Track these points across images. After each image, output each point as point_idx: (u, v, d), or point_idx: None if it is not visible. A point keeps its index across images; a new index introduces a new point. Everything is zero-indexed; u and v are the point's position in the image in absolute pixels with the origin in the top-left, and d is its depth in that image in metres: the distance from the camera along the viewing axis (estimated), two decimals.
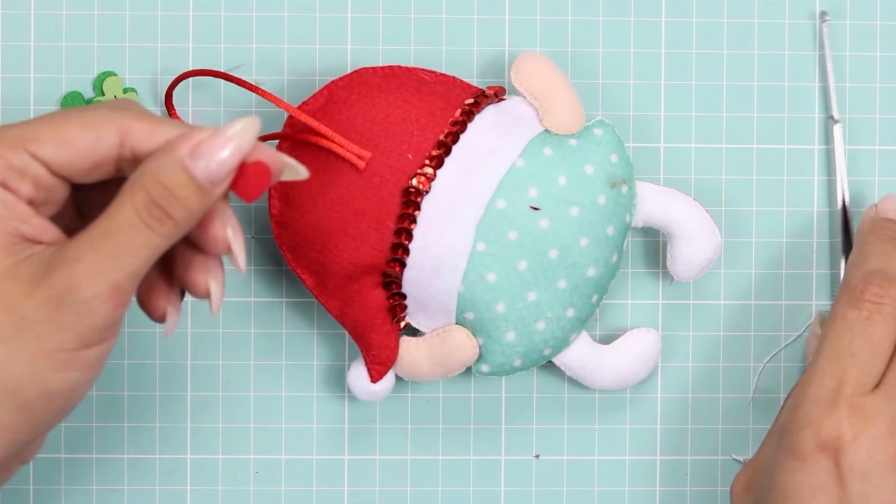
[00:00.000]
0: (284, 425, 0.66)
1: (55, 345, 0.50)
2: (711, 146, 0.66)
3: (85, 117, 0.51)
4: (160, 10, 0.65)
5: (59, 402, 0.51)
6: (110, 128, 0.51)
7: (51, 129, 0.51)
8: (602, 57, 0.66)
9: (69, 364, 0.50)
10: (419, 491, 0.66)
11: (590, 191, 0.61)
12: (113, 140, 0.51)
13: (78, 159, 0.51)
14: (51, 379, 0.50)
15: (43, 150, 0.51)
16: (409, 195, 0.60)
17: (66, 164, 0.51)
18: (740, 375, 0.66)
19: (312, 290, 0.62)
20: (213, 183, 0.50)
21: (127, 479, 0.65)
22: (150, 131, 0.51)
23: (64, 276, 0.49)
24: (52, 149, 0.51)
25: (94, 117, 0.51)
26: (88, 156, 0.51)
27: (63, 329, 0.50)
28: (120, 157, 0.52)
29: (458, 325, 0.62)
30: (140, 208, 0.50)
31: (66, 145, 0.51)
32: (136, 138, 0.51)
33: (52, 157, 0.51)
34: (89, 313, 0.50)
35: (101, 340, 0.51)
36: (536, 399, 0.66)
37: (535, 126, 0.62)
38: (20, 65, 0.65)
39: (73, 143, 0.51)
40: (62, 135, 0.51)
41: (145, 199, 0.50)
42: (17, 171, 0.51)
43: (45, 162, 0.51)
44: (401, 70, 0.62)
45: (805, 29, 0.66)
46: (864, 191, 0.67)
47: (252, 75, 0.65)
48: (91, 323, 0.50)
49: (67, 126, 0.51)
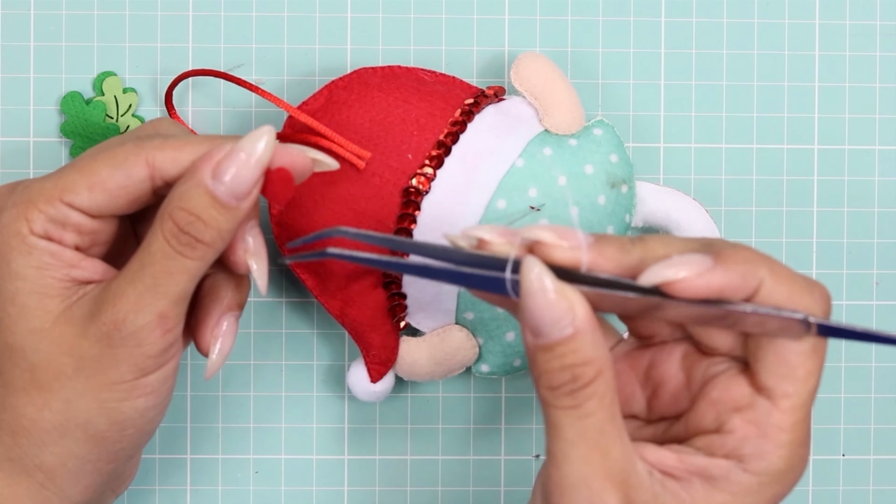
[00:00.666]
0: (284, 425, 0.66)
1: (114, 377, 0.52)
2: (711, 146, 0.66)
3: (113, 157, 0.53)
4: (160, 10, 0.65)
5: (132, 429, 0.53)
6: (137, 164, 0.53)
7: (81, 176, 0.53)
8: (602, 57, 0.66)
9: (132, 392, 0.52)
10: (419, 491, 0.66)
11: (590, 191, 0.61)
12: (143, 175, 0.53)
13: (112, 200, 0.53)
14: (118, 408, 0.53)
15: (78, 199, 0.53)
16: (409, 195, 0.60)
17: (103, 207, 0.53)
18: None
19: (312, 291, 0.62)
20: (238, 199, 0.52)
21: None
22: (175, 158, 0.53)
23: (111, 314, 0.51)
24: (86, 196, 0.53)
25: (122, 156, 0.53)
26: (122, 194, 0.53)
27: (119, 362, 0.52)
28: (154, 187, 0.53)
29: (458, 325, 0.62)
30: (170, 237, 0.51)
31: (98, 190, 0.53)
32: (163, 168, 0.53)
33: (88, 204, 0.53)
34: (140, 344, 0.52)
35: (159, 365, 0.53)
36: (536, 399, 0.66)
37: (535, 126, 0.62)
38: (20, 65, 0.65)
39: (105, 187, 0.53)
40: (93, 180, 0.53)
41: (173, 227, 0.51)
42: (59, 223, 0.53)
43: (82, 209, 0.53)
44: (401, 70, 0.62)
45: (805, 29, 0.66)
46: (865, 191, 0.67)
47: (252, 75, 0.65)
48: (143, 352, 0.52)
49: (97, 169, 0.53)
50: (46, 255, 0.53)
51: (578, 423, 0.48)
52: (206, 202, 0.51)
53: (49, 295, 0.52)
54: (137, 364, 0.52)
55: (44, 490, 0.54)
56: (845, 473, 0.67)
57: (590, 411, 0.48)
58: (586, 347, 0.47)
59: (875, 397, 0.67)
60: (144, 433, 0.54)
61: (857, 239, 0.67)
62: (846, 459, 0.67)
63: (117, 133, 0.64)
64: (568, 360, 0.47)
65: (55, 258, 0.53)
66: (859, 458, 0.67)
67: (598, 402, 0.48)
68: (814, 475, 0.67)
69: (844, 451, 0.67)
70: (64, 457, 0.53)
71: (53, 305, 0.52)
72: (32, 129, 0.65)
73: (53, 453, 0.53)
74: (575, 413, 0.48)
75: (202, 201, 0.51)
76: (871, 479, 0.67)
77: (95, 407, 0.52)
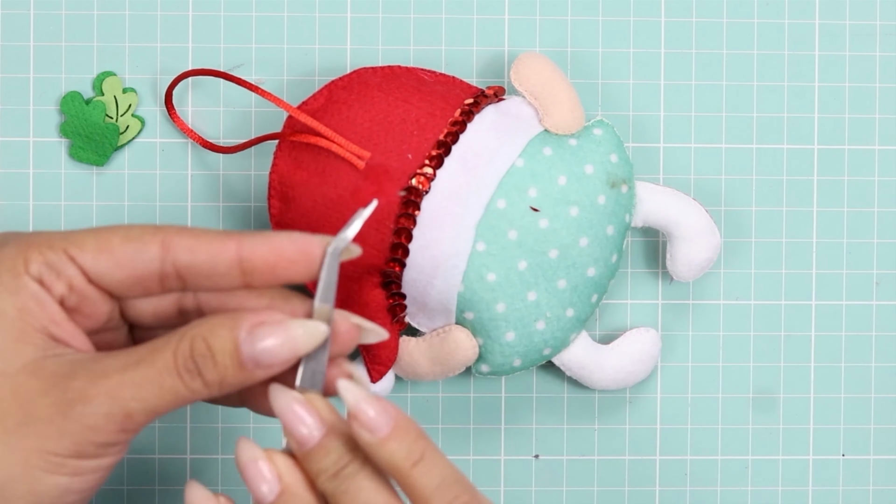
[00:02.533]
0: None
1: (52, 447, 0.50)
2: (711, 146, 0.66)
3: (129, 230, 0.52)
4: (160, 10, 0.65)
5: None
6: (152, 242, 0.52)
7: (93, 237, 0.52)
8: (602, 57, 0.66)
9: (60, 468, 0.50)
10: None
11: (590, 191, 0.61)
12: (154, 254, 0.51)
13: (118, 270, 0.52)
14: (40, 479, 0.50)
15: (82, 256, 0.52)
16: (409, 195, 0.60)
17: (106, 274, 0.52)
18: (740, 375, 0.66)
19: (313, 291, 0.62)
20: (257, 366, 0.50)
21: (127, 479, 0.65)
22: (191, 246, 0.51)
23: (84, 385, 0.50)
24: (91, 255, 0.52)
25: (138, 231, 0.52)
26: (128, 266, 0.52)
27: (64, 434, 0.50)
28: (163, 274, 0.52)
29: (458, 325, 0.62)
30: (178, 356, 0.50)
31: (106, 254, 0.52)
32: (177, 253, 0.51)
33: (91, 265, 0.52)
34: (93, 428, 0.50)
35: (97, 455, 0.51)
36: (536, 399, 0.66)
37: (535, 126, 0.62)
38: (20, 65, 0.65)
39: (113, 253, 0.52)
40: (103, 245, 0.52)
41: (186, 350, 0.50)
42: (55, 270, 0.51)
43: (82, 267, 0.52)
44: (401, 70, 0.62)
45: (805, 29, 0.66)
46: (865, 191, 0.67)
47: (252, 75, 0.65)
48: (91, 437, 0.50)
49: (109, 236, 0.52)
50: (32, 301, 0.51)
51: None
52: (228, 348, 0.50)
53: (24, 341, 0.51)
54: (79, 445, 0.50)
55: None
56: (845, 473, 0.67)
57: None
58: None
59: (875, 397, 0.67)
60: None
61: (857, 239, 0.67)
62: (846, 459, 0.67)
63: (117, 133, 0.64)
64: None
65: (40, 306, 0.51)
66: (859, 458, 0.67)
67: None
68: (814, 475, 0.67)
69: (844, 451, 0.67)
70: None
71: (27, 352, 0.51)
72: (32, 129, 0.65)
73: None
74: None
75: (226, 346, 0.50)
76: (871, 479, 0.67)
77: (20, 469, 0.50)
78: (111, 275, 0.52)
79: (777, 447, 0.67)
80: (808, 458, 0.67)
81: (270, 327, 0.50)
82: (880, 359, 0.67)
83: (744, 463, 0.67)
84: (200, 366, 0.50)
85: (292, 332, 0.50)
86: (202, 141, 0.63)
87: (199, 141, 0.63)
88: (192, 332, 0.50)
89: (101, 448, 0.51)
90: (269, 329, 0.50)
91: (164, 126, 0.65)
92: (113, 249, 0.51)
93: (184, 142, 0.65)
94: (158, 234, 0.52)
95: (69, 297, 0.52)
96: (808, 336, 0.67)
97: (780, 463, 0.67)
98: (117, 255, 0.51)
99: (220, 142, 0.65)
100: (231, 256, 0.51)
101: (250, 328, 0.50)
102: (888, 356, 0.67)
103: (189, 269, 0.51)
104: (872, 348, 0.67)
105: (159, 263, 0.51)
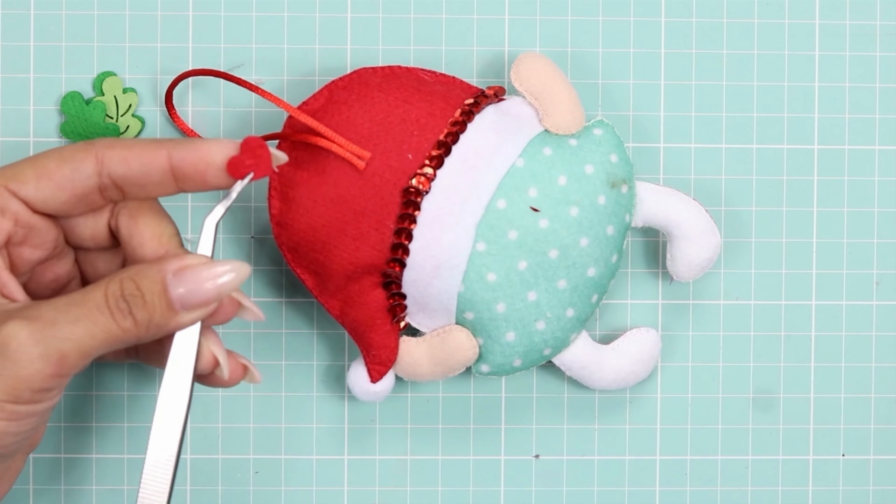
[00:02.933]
0: (284, 425, 0.66)
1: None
2: (711, 146, 0.66)
3: (62, 151, 0.54)
4: (160, 10, 0.65)
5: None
6: (86, 158, 0.53)
7: (30, 166, 0.53)
8: (602, 57, 0.66)
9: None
10: (419, 491, 0.66)
11: (590, 191, 0.61)
12: (90, 170, 0.53)
13: (59, 192, 0.53)
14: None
15: (24, 188, 0.53)
16: (409, 195, 0.60)
17: (49, 199, 0.53)
18: (740, 375, 0.66)
19: (312, 291, 0.62)
20: (184, 307, 0.52)
21: (127, 479, 0.65)
22: (124, 157, 0.53)
23: (17, 329, 0.50)
24: (32, 185, 0.53)
25: (71, 151, 0.54)
26: (68, 187, 0.53)
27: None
28: (101, 186, 0.54)
29: (458, 325, 0.62)
30: (109, 295, 0.52)
31: (45, 180, 0.53)
32: (111, 165, 0.53)
33: (33, 194, 0.53)
34: (28, 371, 0.50)
35: (34, 401, 0.51)
36: (536, 399, 0.66)
37: (535, 126, 0.62)
38: (20, 65, 0.65)
39: (52, 178, 0.53)
40: (40, 171, 0.53)
41: (117, 290, 0.52)
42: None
43: (26, 200, 0.53)
44: (401, 70, 0.62)
45: (805, 29, 0.66)
46: (865, 191, 0.67)
47: (252, 75, 0.65)
48: (26, 382, 0.51)
49: (45, 162, 0.53)
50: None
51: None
52: (157, 289, 0.52)
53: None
54: (14, 389, 0.51)
55: None
56: (845, 473, 0.67)
57: None
58: None
59: (875, 397, 0.67)
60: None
61: (857, 239, 0.67)
62: (846, 459, 0.67)
63: (117, 133, 0.64)
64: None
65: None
66: (859, 458, 0.67)
67: None
68: (814, 475, 0.67)
69: (844, 451, 0.67)
70: None
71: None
72: (32, 129, 0.65)
73: None
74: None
75: (154, 287, 0.52)
76: (871, 479, 0.67)
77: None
78: (54, 198, 0.53)
79: (777, 447, 0.67)
80: (808, 458, 0.67)
81: (195, 269, 0.52)
82: (880, 359, 0.67)
83: (744, 463, 0.67)
84: (131, 304, 0.52)
85: (217, 272, 0.52)
86: None
87: None
88: (120, 275, 0.52)
89: (35, 393, 0.51)
90: (194, 271, 0.52)
91: (164, 126, 0.65)
92: (51, 174, 0.53)
93: None
94: (91, 150, 0.53)
95: (16, 232, 0.54)
96: (808, 336, 0.67)
97: (780, 463, 0.67)
98: (56, 178, 0.53)
99: None
100: (163, 164, 0.53)
101: (176, 272, 0.52)
102: (888, 356, 0.67)
103: (125, 180, 0.53)
104: (872, 348, 0.67)
105: (97, 178, 0.53)
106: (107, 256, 0.58)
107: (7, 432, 0.52)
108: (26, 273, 0.56)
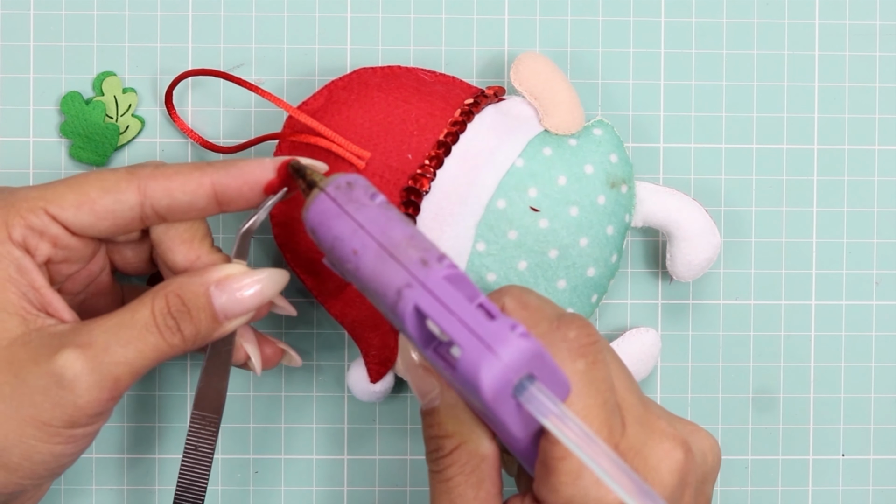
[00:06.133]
0: (284, 425, 0.66)
1: (45, 418, 0.52)
2: (711, 146, 0.66)
3: (104, 180, 0.54)
4: (160, 10, 0.65)
5: (42, 469, 0.53)
6: (128, 189, 0.53)
7: (71, 192, 0.53)
8: (602, 57, 0.66)
9: (54, 437, 0.52)
10: (419, 491, 0.66)
11: (589, 191, 0.61)
12: (133, 201, 0.53)
13: (99, 221, 0.54)
14: (36, 447, 0.52)
15: (63, 214, 0.53)
16: (409, 195, 0.60)
17: (87, 227, 0.54)
18: (740, 375, 0.66)
19: (312, 291, 0.62)
20: (227, 317, 0.53)
21: (127, 479, 0.65)
22: (166, 188, 0.54)
23: (72, 359, 0.51)
24: (71, 212, 0.53)
25: (113, 180, 0.54)
26: (109, 217, 0.54)
27: (57, 406, 0.51)
28: (143, 216, 0.54)
29: None
30: (157, 313, 0.52)
31: (86, 209, 0.53)
32: (154, 197, 0.54)
33: (72, 221, 0.53)
34: (84, 399, 0.52)
35: (90, 423, 0.53)
36: None
37: (535, 126, 0.62)
38: (20, 65, 0.65)
39: (93, 207, 0.53)
40: (82, 199, 0.53)
41: (164, 307, 0.52)
42: (37, 232, 0.53)
43: (64, 224, 0.53)
44: (400, 70, 0.62)
45: (805, 29, 0.66)
46: (865, 191, 0.67)
47: (252, 75, 0.65)
48: (83, 409, 0.52)
49: (87, 189, 0.53)
50: (13, 269, 0.52)
51: (440, 486, 0.51)
52: (202, 302, 0.53)
53: (8, 311, 0.52)
54: (73, 416, 0.52)
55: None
56: (845, 473, 0.67)
57: (450, 476, 0.51)
58: (447, 422, 0.51)
59: (875, 397, 0.67)
60: (53, 474, 0.54)
61: (857, 239, 0.67)
62: (846, 459, 0.67)
63: (117, 133, 0.64)
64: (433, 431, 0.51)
65: (21, 274, 0.52)
66: (859, 458, 0.67)
67: (458, 469, 0.51)
68: (814, 475, 0.67)
69: (844, 451, 0.67)
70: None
71: (13, 326, 0.52)
72: (32, 129, 0.65)
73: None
74: (439, 476, 0.51)
75: (199, 300, 0.53)
76: (870, 479, 0.67)
77: (15, 437, 0.52)
78: (93, 226, 0.54)
79: (777, 447, 0.67)
80: (808, 458, 0.67)
81: (237, 278, 0.53)
82: (880, 359, 0.67)
83: (744, 463, 0.67)
84: (178, 320, 0.52)
85: (256, 278, 0.53)
86: (202, 141, 0.63)
87: (199, 141, 0.63)
88: (164, 290, 0.52)
89: (92, 417, 0.52)
90: (236, 280, 0.53)
91: (164, 126, 0.65)
92: (92, 203, 0.53)
93: (184, 142, 0.65)
94: (133, 181, 0.53)
95: (56, 254, 0.54)
96: (808, 336, 0.67)
97: (780, 463, 0.67)
98: (97, 208, 0.53)
99: (220, 142, 0.65)
100: (207, 192, 0.54)
101: (218, 282, 0.53)
102: (888, 356, 0.67)
103: (168, 210, 0.54)
104: (872, 348, 0.67)
105: (139, 209, 0.54)
106: (135, 245, 0.58)
107: (65, 454, 0.53)
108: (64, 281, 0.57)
